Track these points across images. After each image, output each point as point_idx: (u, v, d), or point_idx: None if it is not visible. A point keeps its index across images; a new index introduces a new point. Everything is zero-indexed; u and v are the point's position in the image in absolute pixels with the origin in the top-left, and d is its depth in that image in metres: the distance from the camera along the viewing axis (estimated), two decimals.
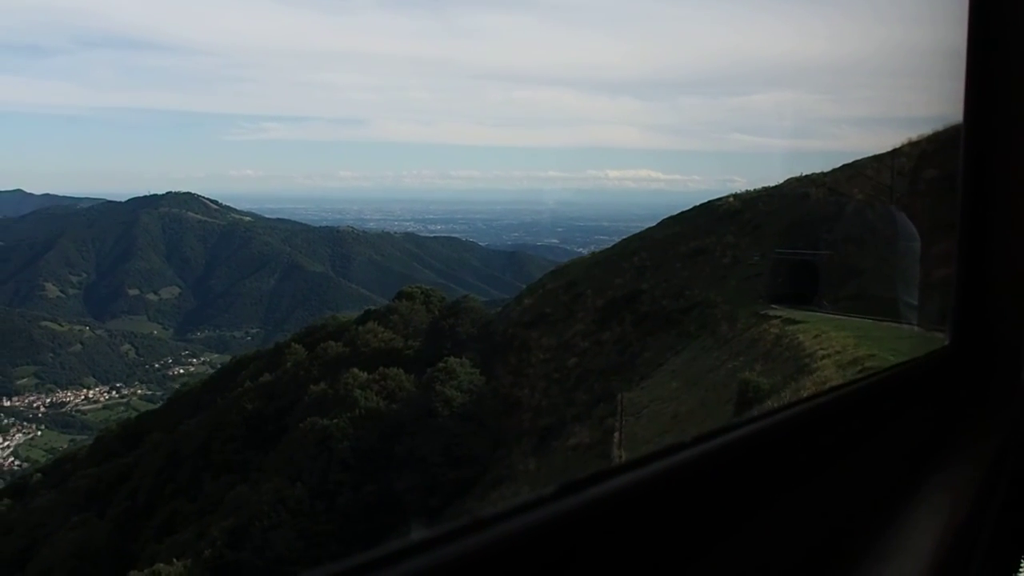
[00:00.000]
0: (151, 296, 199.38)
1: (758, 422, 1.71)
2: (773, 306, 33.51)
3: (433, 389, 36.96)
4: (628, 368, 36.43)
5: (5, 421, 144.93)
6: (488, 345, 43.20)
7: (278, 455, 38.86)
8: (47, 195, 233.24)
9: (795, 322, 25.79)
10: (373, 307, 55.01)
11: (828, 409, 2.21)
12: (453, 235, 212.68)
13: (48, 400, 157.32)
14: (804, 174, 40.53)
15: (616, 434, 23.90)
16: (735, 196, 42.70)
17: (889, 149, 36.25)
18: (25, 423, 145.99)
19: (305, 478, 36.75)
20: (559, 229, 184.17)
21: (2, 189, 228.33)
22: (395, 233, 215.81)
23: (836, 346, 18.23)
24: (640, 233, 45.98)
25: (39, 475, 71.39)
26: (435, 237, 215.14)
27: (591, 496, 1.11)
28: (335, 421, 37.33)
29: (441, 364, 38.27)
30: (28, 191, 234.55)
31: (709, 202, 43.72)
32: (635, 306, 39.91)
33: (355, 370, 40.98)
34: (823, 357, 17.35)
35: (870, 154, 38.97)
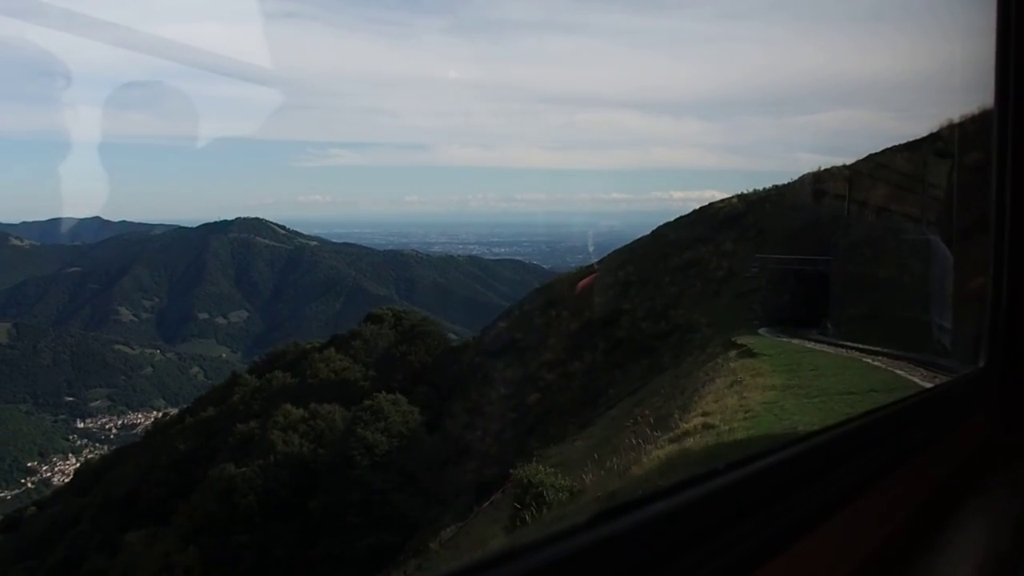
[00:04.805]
0: (220, 320, 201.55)
1: (791, 448, 1.68)
2: (760, 332, 25.88)
3: (354, 433, 30.32)
4: (590, 407, 29.30)
5: (78, 442, 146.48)
6: (447, 377, 36.49)
7: (186, 508, 32.89)
8: (124, 222, 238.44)
9: (752, 354, 18.41)
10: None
11: (862, 434, 2.17)
12: (517, 258, 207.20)
13: (120, 422, 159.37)
14: (822, 168, 32.56)
15: (447, 529, 16.72)
16: (739, 197, 34.91)
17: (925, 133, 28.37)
18: (97, 444, 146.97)
19: (203, 539, 30.59)
20: None
21: (82, 216, 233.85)
22: (459, 256, 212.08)
23: (728, 409, 11.13)
24: (631, 244, 38.56)
25: (33, 508, 68.18)
26: (499, 260, 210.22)
27: (625, 525, 1.09)
28: (243, 470, 31.12)
29: (368, 402, 31.61)
30: (106, 218, 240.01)
31: (710, 204, 36.06)
32: (611, 331, 32.66)
33: (288, 406, 34.76)
34: (685, 435, 10.35)
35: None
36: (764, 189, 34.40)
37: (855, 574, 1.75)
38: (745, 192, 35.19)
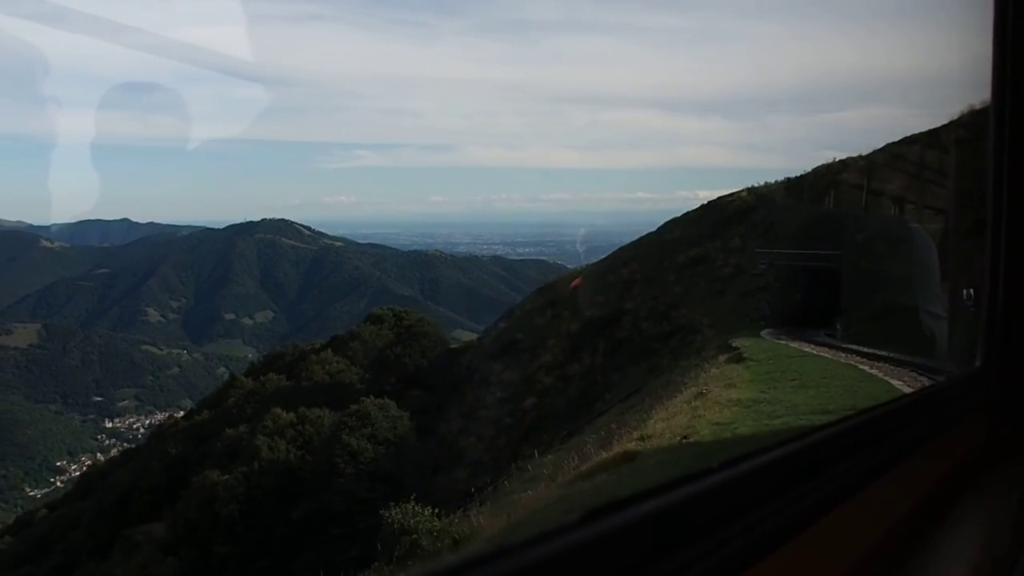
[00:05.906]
0: (246, 320, 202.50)
1: (785, 447, 1.66)
2: (763, 334, 24.02)
3: (339, 440, 28.84)
4: (585, 412, 27.63)
5: (107, 442, 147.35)
6: (443, 379, 34.92)
7: (168, 517, 31.66)
8: (152, 223, 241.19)
9: (740, 359, 16.67)
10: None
11: (858, 432, 2.12)
12: (541, 258, 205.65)
13: (147, 422, 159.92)
14: (837, 158, 30.54)
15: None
16: (749, 190, 32.97)
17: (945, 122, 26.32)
18: (125, 444, 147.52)
19: (183, 549, 29.30)
20: None
21: (111, 218, 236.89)
22: (483, 256, 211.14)
23: (671, 431, 9.43)
24: (637, 240, 36.79)
25: (44, 510, 67.82)
26: (523, 260, 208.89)
27: (617, 523, 1.08)
28: (225, 477, 29.77)
29: (354, 407, 30.09)
30: (134, 220, 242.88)
31: (718, 198, 34.16)
32: (612, 331, 30.94)
33: (277, 410, 33.40)
34: (600, 469, 8.73)
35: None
36: (776, 182, 32.45)
37: (850, 573, 1.74)
38: (756, 185, 33.26)
